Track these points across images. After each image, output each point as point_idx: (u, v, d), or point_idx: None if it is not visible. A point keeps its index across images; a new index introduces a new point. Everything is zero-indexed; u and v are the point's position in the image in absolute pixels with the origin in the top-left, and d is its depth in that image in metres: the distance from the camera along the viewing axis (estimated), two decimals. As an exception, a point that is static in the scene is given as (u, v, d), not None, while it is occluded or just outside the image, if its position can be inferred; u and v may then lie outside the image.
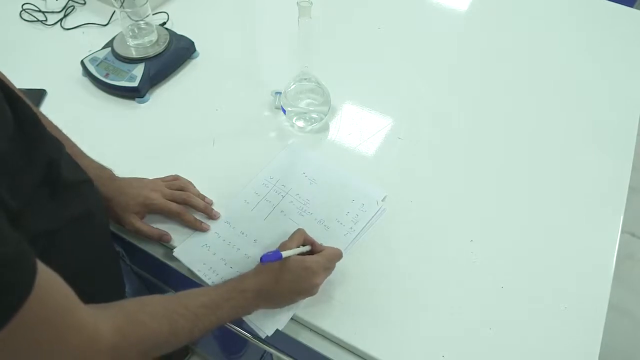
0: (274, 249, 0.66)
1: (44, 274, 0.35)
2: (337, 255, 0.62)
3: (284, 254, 0.56)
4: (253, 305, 0.57)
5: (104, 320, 0.42)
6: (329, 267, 0.61)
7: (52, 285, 0.37)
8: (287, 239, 0.62)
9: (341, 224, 0.69)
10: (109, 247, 0.64)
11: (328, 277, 0.62)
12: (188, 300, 0.52)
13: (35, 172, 0.45)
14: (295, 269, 0.57)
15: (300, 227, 0.63)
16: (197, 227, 0.68)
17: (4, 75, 0.56)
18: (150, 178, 0.70)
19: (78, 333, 0.39)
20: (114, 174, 0.67)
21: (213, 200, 0.71)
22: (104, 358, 0.41)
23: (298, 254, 0.59)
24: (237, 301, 0.55)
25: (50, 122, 0.62)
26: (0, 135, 0.39)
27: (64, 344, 0.38)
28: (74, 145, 0.64)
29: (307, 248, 0.62)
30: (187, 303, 0.52)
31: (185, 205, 0.68)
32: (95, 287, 0.56)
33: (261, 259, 0.54)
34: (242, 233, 0.68)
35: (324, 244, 0.63)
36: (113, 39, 0.89)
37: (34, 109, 0.58)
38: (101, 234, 0.60)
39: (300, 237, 0.62)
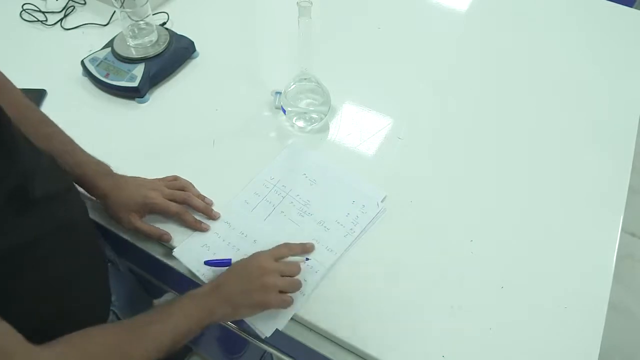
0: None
1: None
2: (282, 253, 0.61)
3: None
4: (209, 305, 0.55)
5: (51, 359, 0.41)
6: (283, 272, 0.59)
7: None
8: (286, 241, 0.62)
9: (341, 225, 0.69)
10: (95, 255, 0.62)
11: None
12: (137, 319, 0.51)
13: (4, 186, 0.43)
14: (247, 265, 0.58)
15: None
16: (197, 228, 0.67)
17: None
18: (150, 178, 0.70)
19: None
20: (112, 170, 0.66)
21: (213, 201, 0.71)
22: None
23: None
24: (188, 306, 0.54)
25: (42, 118, 0.61)
26: None
27: None
28: (72, 142, 0.63)
29: (301, 258, 0.62)
30: (136, 323, 0.51)
31: (185, 205, 0.68)
32: (80, 300, 0.55)
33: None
34: (242, 233, 0.68)
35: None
36: (113, 39, 0.89)
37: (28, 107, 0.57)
38: (86, 242, 0.59)
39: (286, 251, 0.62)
